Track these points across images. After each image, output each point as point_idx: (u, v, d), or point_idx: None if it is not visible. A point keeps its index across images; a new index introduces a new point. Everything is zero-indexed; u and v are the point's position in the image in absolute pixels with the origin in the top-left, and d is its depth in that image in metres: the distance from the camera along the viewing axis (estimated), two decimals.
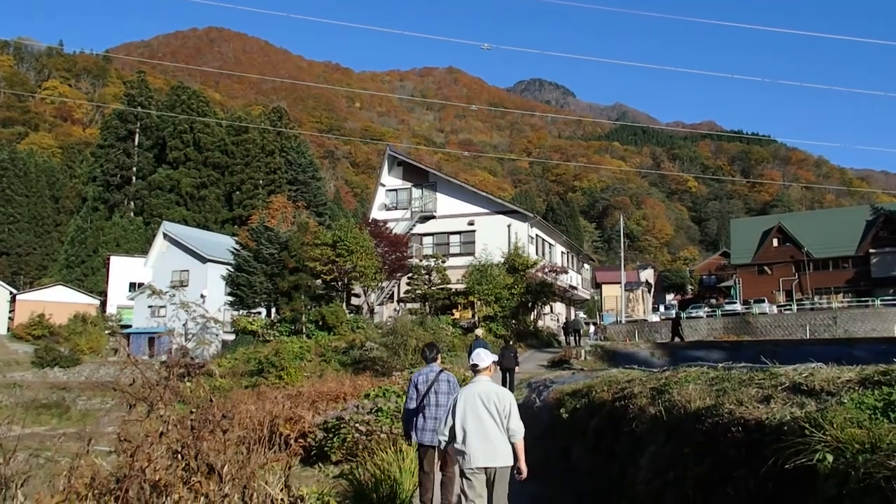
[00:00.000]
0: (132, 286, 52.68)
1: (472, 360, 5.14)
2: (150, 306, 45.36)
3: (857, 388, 3.44)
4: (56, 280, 56.63)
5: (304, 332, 29.63)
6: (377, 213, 36.39)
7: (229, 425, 4.76)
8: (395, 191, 37.05)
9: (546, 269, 33.27)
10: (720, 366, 6.05)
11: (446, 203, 35.35)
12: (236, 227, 60.18)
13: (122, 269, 54.75)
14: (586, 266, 49.96)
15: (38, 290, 54.69)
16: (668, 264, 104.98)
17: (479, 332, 17.83)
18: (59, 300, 51.67)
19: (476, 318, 30.04)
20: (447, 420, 4.92)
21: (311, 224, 36.50)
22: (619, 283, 53.34)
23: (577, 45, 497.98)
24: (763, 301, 48.36)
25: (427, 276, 32.08)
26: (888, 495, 2.15)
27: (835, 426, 2.74)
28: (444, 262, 32.83)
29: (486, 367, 5.09)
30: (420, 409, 6.34)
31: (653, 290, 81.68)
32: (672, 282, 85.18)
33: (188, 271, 47.41)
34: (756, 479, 3.08)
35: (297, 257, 30.84)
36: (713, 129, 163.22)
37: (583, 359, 22.46)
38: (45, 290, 53.75)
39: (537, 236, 35.98)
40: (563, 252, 41.44)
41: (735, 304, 50.63)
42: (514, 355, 15.52)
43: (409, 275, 32.63)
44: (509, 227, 33.45)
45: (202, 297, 41.42)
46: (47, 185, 69.50)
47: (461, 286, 31.09)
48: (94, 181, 68.74)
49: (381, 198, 37.41)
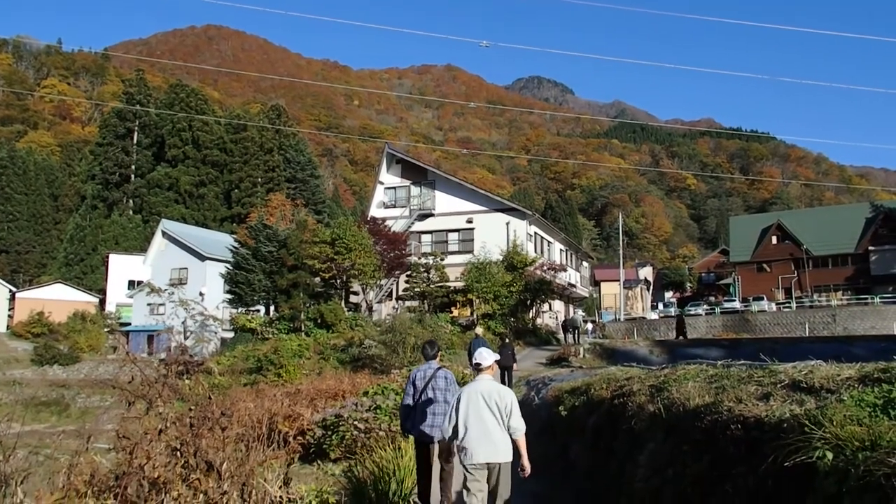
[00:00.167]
0: (131, 284, 52.68)
1: (475, 358, 5.24)
2: (149, 304, 45.34)
3: (856, 385, 3.44)
4: (55, 278, 56.63)
5: (302, 329, 29.62)
6: (376, 211, 36.37)
7: (228, 423, 4.75)
8: (394, 188, 37.02)
9: (545, 267, 33.27)
10: (719, 363, 6.05)
11: (445, 201, 35.33)
12: (235, 225, 60.16)
13: (121, 267, 54.74)
14: (585, 264, 49.99)
15: (38, 287, 54.70)
16: (666, 262, 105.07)
17: (478, 330, 17.83)
18: (59, 298, 51.68)
19: (475, 316, 30.05)
20: (451, 417, 5.01)
21: (310, 222, 36.48)
22: (618, 280, 53.39)
23: (575, 42, 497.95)
24: (762, 299, 48.45)
25: (426, 274, 32.07)
26: (888, 493, 2.14)
27: (834, 424, 2.74)
28: (442, 259, 32.81)
29: (489, 366, 5.18)
30: (417, 406, 6.39)
31: (651, 287, 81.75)
32: (671, 280, 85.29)
33: (187, 269, 47.39)
34: (755, 477, 3.08)
35: (295, 255, 30.82)
36: (712, 126, 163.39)
37: (581, 356, 22.47)
38: (44, 288, 53.77)
39: (536, 234, 35.98)
40: (561, 250, 41.45)
41: (734, 301, 50.70)
42: (512, 353, 15.65)
43: (408, 273, 32.62)
44: (508, 224, 33.44)
45: (201, 295, 41.42)
46: (46, 184, 69.44)
47: (460, 284, 31.10)
48: (92, 179, 68.67)
49: (380, 195, 37.39)
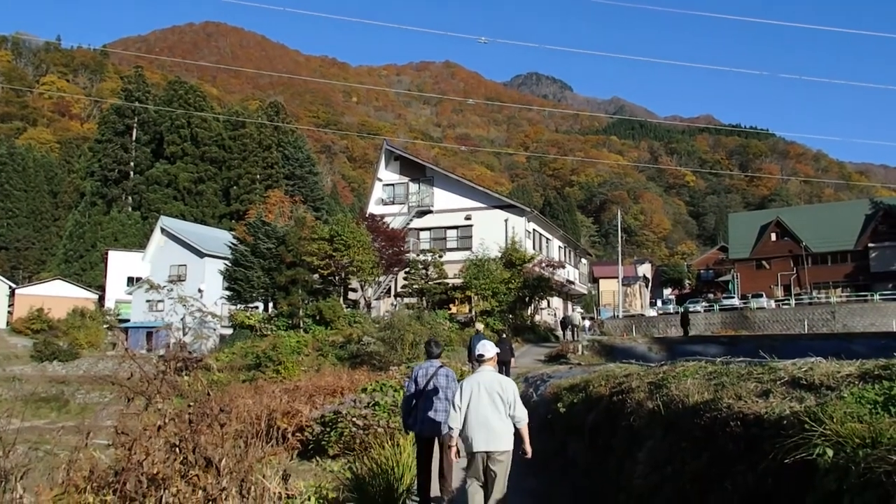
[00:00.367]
0: (130, 280, 52.66)
1: (478, 350, 5.47)
2: (148, 300, 45.27)
3: (857, 382, 3.43)
4: (55, 274, 56.61)
5: (301, 326, 29.63)
6: (374, 208, 36.34)
7: (227, 419, 4.75)
8: (392, 185, 36.98)
9: (543, 264, 33.28)
10: (718, 360, 6.04)
11: (443, 198, 35.30)
12: (234, 221, 60.08)
13: (121, 264, 54.71)
14: (583, 261, 50.00)
15: (37, 284, 54.70)
16: (665, 259, 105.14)
17: (479, 326, 17.89)
18: (58, 294, 51.68)
19: (473, 313, 30.06)
20: (458, 407, 5.14)
21: (309, 219, 36.44)
22: (617, 277, 53.34)
23: (574, 38, 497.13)
24: (761, 296, 48.43)
25: (424, 271, 32.06)
26: (889, 490, 2.14)
27: (835, 421, 2.73)
28: (441, 256, 32.80)
29: (491, 358, 5.42)
30: (419, 403, 6.45)
31: (650, 284, 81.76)
32: (670, 276, 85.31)
33: (186, 266, 47.35)
34: (755, 474, 3.07)
35: (294, 252, 30.80)
36: (711, 122, 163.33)
37: (580, 353, 22.47)
38: (43, 285, 53.78)
39: (534, 231, 35.97)
40: (560, 247, 41.45)
41: (733, 298, 50.67)
42: (510, 348, 15.75)
43: (407, 269, 32.61)
44: (506, 221, 33.42)
45: (200, 291, 41.41)
46: (46, 180, 69.36)
47: (458, 281, 31.10)
48: (92, 176, 68.55)
49: (378, 192, 37.35)
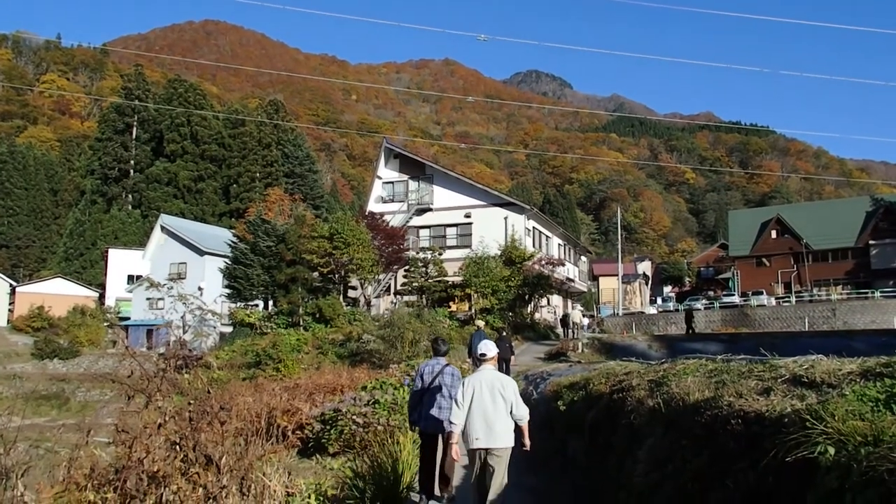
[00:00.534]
0: (130, 279, 52.70)
1: (480, 349, 5.60)
2: (148, 299, 45.26)
3: (858, 380, 3.42)
4: (55, 272, 56.65)
5: (301, 324, 29.64)
6: (374, 206, 36.32)
7: (227, 417, 4.75)
8: (392, 183, 36.96)
9: (543, 262, 33.28)
10: (719, 358, 6.04)
11: (443, 195, 35.28)
12: (233, 219, 60.06)
13: (121, 262, 54.75)
14: (583, 258, 50.00)
15: (38, 282, 54.75)
16: (665, 256, 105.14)
17: (479, 323, 17.91)
18: (58, 292, 51.72)
19: (473, 311, 30.06)
20: (460, 405, 5.29)
21: (308, 217, 36.42)
22: (617, 275, 53.38)
23: (573, 36, 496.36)
24: (761, 293, 48.39)
25: (424, 269, 32.05)
26: (891, 488, 2.13)
27: (836, 418, 2.72)
28: (440, 254, 32.79)
29: (492, 357, 5.56)
30: (424, 399, 6.55)
31: (650, 282, 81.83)
32: (670, 274, 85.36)
33: (186, 264, 47.37)
34: (756, 472, 3.07)
35: (294, 250, 30.80)
36: (711, 120, 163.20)
37: (580, 351, 22.49)
38: (44, 283, 53.83)
39: (534, 229, 35.95)
40: (559, 244, 41.43)
41: (733, 296, 50.64)
42: (510, 346, 15.85)
43: (406, 267, 32.61)
44: (506, 219, 33.41)
45: (200, 289, 41.43)
46: (46, 179, 69.35)
47: (458, 279, 31.08)
48: (92, 174, 68.57)
49: (378, 190, 37.33)
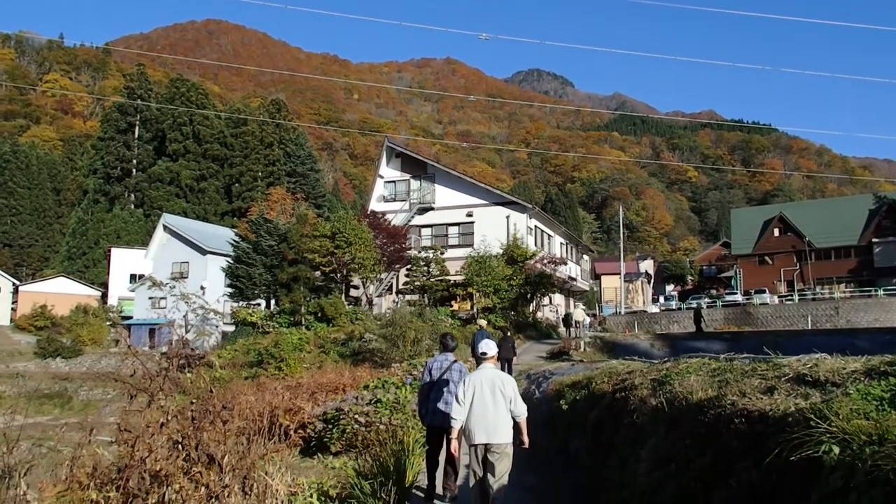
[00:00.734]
0: (133, 278, 52.79)
1: (481, 348, 5.70)
2: (150, 298, 45.34)
3: (862, 378, 3.40)
4: (58, 271, 56.80)
5: (303, 323, 29.65)
6: (376, 205, 36.31)
7: (229, 416, 4.75)
8: (394, 182, 36.94)
9: (545, 261, 33.22)
10: (722, 357, 6.02)
11: (445, 194, 35.25)
12: (236, 219, 60.18)
13: (123, 261, 54.85)
14: (585, 257, 49.94)
15: (41, 281, 54.90)
16: (667, 255, 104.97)
17: (481, 322, 17.89)
18: (61, 291, 51.86)
19: (475, 310, 30.04)
20: (461, 401, 5.44)
21: (310, 216, 36.42)
22: (619, 274, 53.38)
23: (575, 34, 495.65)
24: (764, 291, 48.27)
25: (426, 268, 32.04)
26: None
27: (841, 417, 2.71)
28: (442, 253, 32.76)
29: (493, 356, 5.67)
30: (431, 395, 6.62)
31: (652, 280, 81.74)
32: (672, 272, 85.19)
33: (188, 263, 47.44)
34: (759, 471, 3.05)
35: (296, 249, 30.81)
36: (713, 118, 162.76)
37: (582, 350, 22.44)
38: (47, 282, 53.97)
39: (536, 227, 35.91)
40: (561, 243, 41.38)
41: (736, 294, 50.55)
42: (512, 346, 15.93)
43: (408, 266, 32.60)
44: (508, 218, 33.37)
45: (202, 288, 41.50)
46: (49, 178, 69.51)
47: (460, 278, 31.05)
48: (94, 173, 68.71)
49: (380, 189, 37.32)
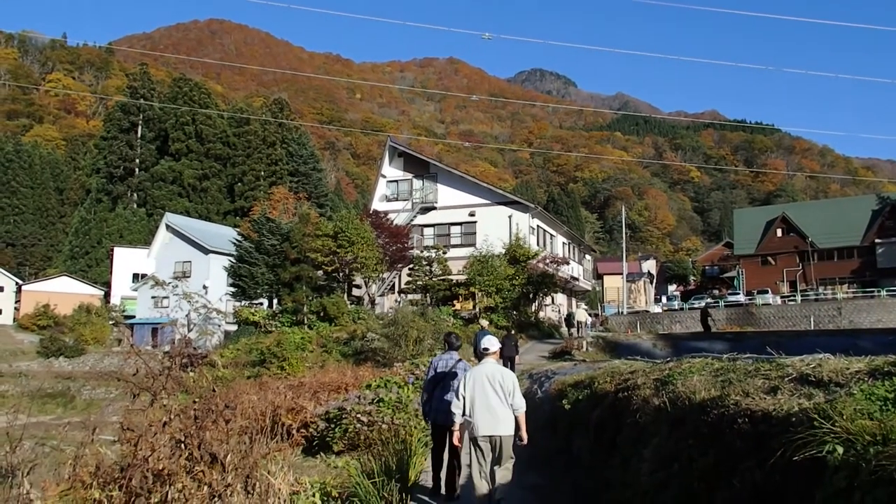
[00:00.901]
0: (135, 277, 52.89)
1: (483, 344, 5.88)
2: (153, 297, 45.47)
3: (866, 378, 3.40)
4: (61, 271, 56.94)
5: (305, 322, 29.68)
6: (378, 205, 36.33)
7: (232, 415, 4.75)
8: (396, 182, 36.96)
9: (547, 261, 33.20)
10: (725, 357, 6.01)
11: (447, 194, 35.26)
12: (238, 218, 60.26)
13: (126, 260, 54.96)
14: (588, 257, 49.90)
15: (43, 280, 55.04)
16: (670, 255, 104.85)
17: (483, 322, 17.93)
18: (64, 291, 51.97)
19: (477, 310, 30.04)
20: (461, 396, 5.62)
21: (313, 215, 36.45)
22: (621, 273, 53.31)
23: (578, 34, 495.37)
24: (766, 292, 48.16)
25: (428, 268, 32.05)
26: None
27: (845, 417, 2.71)
28: (444, 253, 32.78)
29: (494, 352, 5.83)
30: (435, 392, 6.68)
31: (655, 280, 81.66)
32: (674, 272, 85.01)
33: (191, 262, 47.52)
34: (763, 471, 3.05)
35: (298, 248, 30.84)
36: (716, 118, 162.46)
37: (584, 350, 22.42)
38: (49, 281, 54.10)
39: (538, 227, 35.89)
40: (564, 243, 41.36)
41: (738, 294, 50.43)
42: (515, 344, 16.09)
43: (410, 266, 32.61)
44: (510, 217, 33.37)
45: (204, 288, 41.54)
46: (51, 177, 69.69)
47: (462, 277, 31.05)
48: (97, 173, 68.86)
49: (382, 189, 37.33)
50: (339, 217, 32.12)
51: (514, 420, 5.51)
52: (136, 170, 68.39)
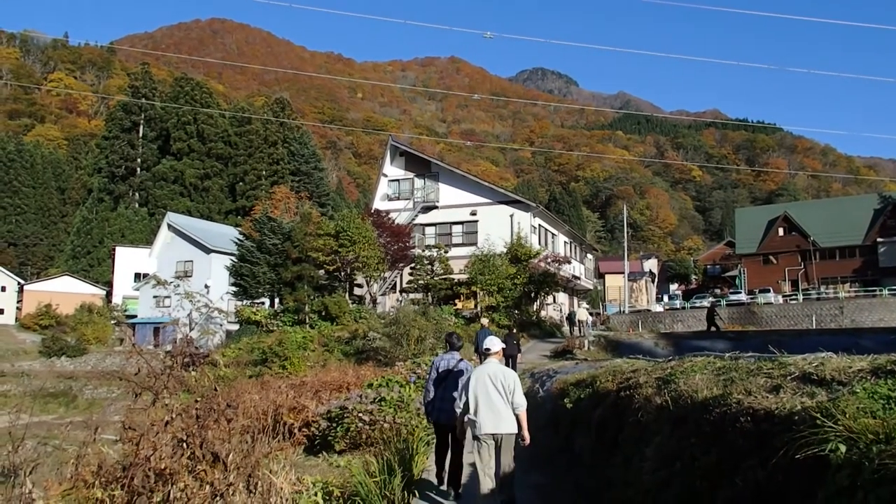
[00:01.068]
0: (137, 276, 52.95)
1: (485, 344, 6.01)
2: (154, 296, 45.52)
3: (868, 377, 3.39)
4: (63, 271, 57.04)
5: (307, 322, 29.69)
6: (379, 204, 36.33)
7: (234, 414, 4.75)
8: (398, 181, 36.96)
9: (549, 260, 33.19)
10: (727, 356, 6.00)
11: (448, 193, 35.25)
12: (240, 217, 60.30)
13: (128, 260, 55.03)
14: (589, 256, 49.87)
15: (45, 280, 55.15)
16: (671, 254, 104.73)
17: (484, 321, 17.94)
18: (66, 290, 52.07)
19: (478, 309, 30.02)
20: (463, 394, 5.83)
21: (314, 214, 36.47)
22: (623, 273, 53.27)
23: (580, 33, 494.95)
24: (768, 291, 48.09)
25: (429, 267, 32.06)
26: None
27: (847, 416, 2.70)
28: (446, 252, 32.78)
29: (497, 352, 5.94)
30: (437, 392, 6.71)
31: (656, 280, 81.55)
32: (676, 272, 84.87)
33: (192, 262, 47.56)
34: (765, 470, 3.04)
35: (300, 248, 30.85)
36: (718, 117, 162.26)
37: (586, 349, 22.40)
38: (51, 281, 54.19)
39: (540, 226, 35.87)
40: (565, 242, 41.33)
41: (740, 294, 50.36)
42: (517, 343, 16.08)
43: (412, 265, 32.62)
44: (512, 217, 33.36)
45: (206, 287, 41.50)
46: (53, 177, 69.79)
47: (464, 276, 31.05)
48: (99, 172, 68.93)
49: (384, 188, 37.33)
50: (341, 216, 32.13)
51: (517, 419, 5.60)
52: (138, 169, 68.47)
